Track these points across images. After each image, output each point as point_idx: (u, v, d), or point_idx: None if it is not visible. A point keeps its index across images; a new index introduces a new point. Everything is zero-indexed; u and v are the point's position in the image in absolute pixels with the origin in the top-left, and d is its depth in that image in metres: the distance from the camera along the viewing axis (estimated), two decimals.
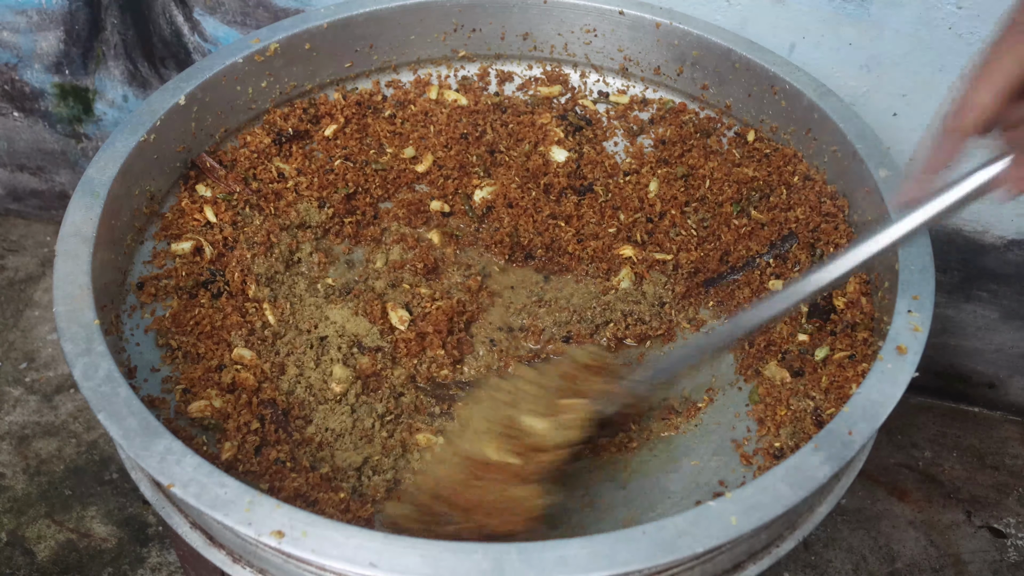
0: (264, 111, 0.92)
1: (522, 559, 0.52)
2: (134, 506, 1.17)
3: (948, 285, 1.19)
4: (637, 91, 0.99)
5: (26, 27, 1.22)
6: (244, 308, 0.79)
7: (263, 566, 0.61)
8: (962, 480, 1.25)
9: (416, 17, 0.96)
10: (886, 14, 0.95)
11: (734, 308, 0.83)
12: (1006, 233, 1.10)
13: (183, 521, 0.64)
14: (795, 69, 0.88)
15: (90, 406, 0.60)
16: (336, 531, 0.53)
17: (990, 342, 1.24)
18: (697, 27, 0.93)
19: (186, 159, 0.86)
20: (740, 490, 0.56)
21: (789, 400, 0.72)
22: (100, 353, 0.63)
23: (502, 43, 1.00)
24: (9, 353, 1.32)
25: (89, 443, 1.23)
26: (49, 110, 1.32)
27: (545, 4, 0.97)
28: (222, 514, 0.54)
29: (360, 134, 0.94)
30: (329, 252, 0.88)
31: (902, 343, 0.65)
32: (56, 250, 0.69)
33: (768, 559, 0.64)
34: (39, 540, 1.13)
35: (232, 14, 1.15)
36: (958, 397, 1.34)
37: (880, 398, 0.62)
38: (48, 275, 1.43)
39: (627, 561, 0.52)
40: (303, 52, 0.92)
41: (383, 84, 0.98)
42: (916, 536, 1.19)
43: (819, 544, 1.18)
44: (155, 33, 1.21)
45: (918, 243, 0.72)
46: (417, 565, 0.52)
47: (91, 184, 0.74)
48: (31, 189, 1.45)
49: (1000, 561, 1.17)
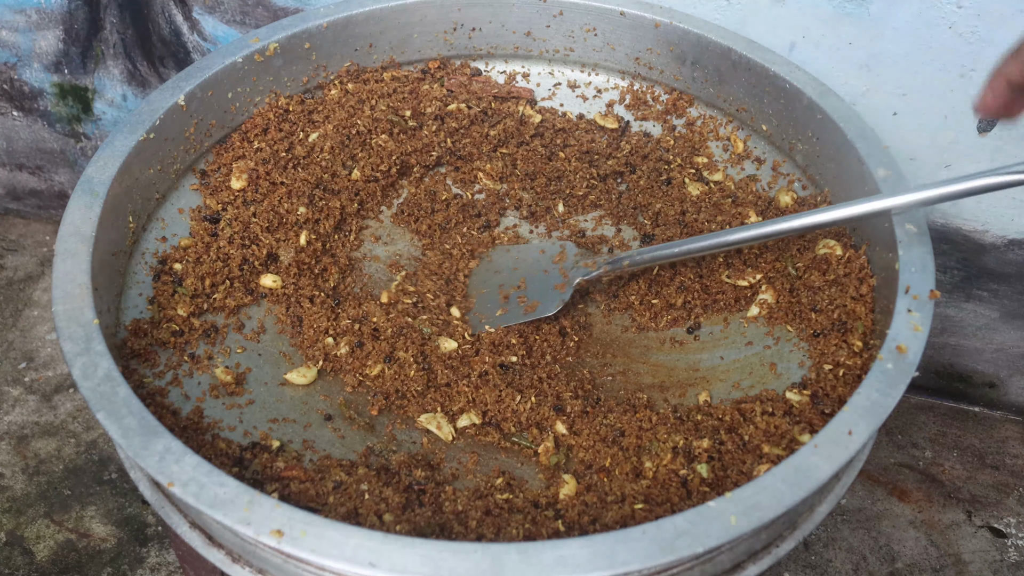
0: (263, 111, 0.92)
1: (522, 559, 0.52)
2: (133, 506, 1.17)
3: (948, 285, 1.19)
4: (637, 88, 0.99)
5: (25, 26, 1.22)
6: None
7: (262, 566, 0.61)
8: (962, 480, 1.25)
9: (416, 16, 0.96)
10: (886, 13, 0.95)
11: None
12: (1006, 232, 1.10)
13: (182, 521, 0.64)
14: (795, 68, 0.88)
15: (89, 406, 0.60)
16: (335, 531, 0.53)
17: (990, 342, 1.24)
18: (697, 26, 0.93)
19: (186, 159, 0.86)
20: (740, 490, 0.56)
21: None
22: (99, 352, 0.62)
23: (502, 42, 1.00)
24: (8, 353, 1.32)
25: (88, 443, 1.23)
26: (48, 109, 1.32)
27: (544, 3, 0.97)
28: (221, 513, 0.54)
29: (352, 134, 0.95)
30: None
31: (902, 343, 0.65)
32: (55, 249, 0.69)
33: (768, 559, 0.64)
34: (38, 540, 1.13)
35: (231, 13, 1.15)
36: (958, 397, 1.34)
37: (880, 398, 0.62)
38: (47, 274, 1.43)
39: (627, 561, 0.52)
40: (303, 51, 0.92)
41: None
42: (916, 536, 1.19)
43: (819, 544, 1.18)
44: (154, 32, 1.21)
45: (918, 243, 0.72)
46: (417, 565, 0.52)
47: (90, 183, 0.74)
48: (30, 188, 1.45)
49: (1000, 561, 1.17)
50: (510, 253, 0.92)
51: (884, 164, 0.78)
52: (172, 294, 0.79)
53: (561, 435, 0.76)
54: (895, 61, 0.98)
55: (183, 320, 0.78)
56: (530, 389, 0.80)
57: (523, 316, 0.85)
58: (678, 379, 0.82)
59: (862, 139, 0.81)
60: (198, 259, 0.82)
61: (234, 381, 0.75)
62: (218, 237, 0.84)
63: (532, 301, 0.86)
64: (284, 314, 0.83)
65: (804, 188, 0.89)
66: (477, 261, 0.92)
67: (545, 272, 0.89)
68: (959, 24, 0.93)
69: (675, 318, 0.87)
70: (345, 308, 0.84)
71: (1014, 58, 0.59)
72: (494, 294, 0.88)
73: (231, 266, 0.83)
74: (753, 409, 0.72)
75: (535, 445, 0.76)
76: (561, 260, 0.89)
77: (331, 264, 0.88)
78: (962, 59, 0.96)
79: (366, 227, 0.94)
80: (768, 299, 0.82)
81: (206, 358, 0.77)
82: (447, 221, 0.95)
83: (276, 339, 0.82)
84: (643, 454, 0.71)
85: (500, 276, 0.90)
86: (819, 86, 0.86)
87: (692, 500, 0.66)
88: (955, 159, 1.04)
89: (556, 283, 0.87)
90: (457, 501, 0.66)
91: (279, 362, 0.80)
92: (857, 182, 0.80)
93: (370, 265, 0.91)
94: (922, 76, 0.98)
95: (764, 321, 0.82)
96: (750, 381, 0.78)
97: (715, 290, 0.86)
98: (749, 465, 0.66)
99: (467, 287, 0.89)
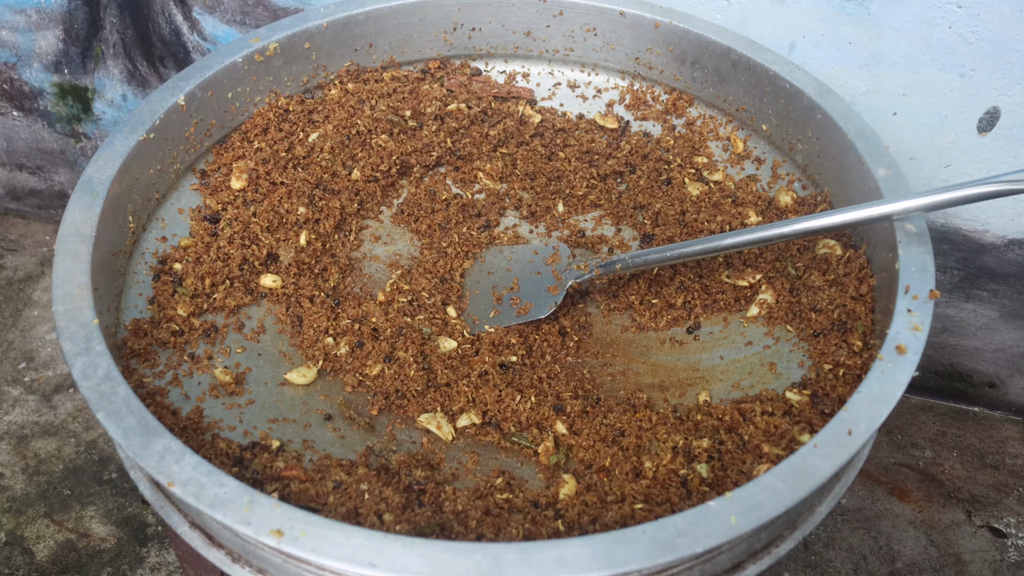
0: (263, 111, 0.92)
1: (522, 559, 0.52)
2: (133, 506, 1.17)
3: (948, 285, 1.19)
4: (637, 88, 0.99)
5: (25, 26, 1.22)
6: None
7: (262, 566, 0.61)
8: (962, 480, 1.25)
9: (416, 16, 0.96)
10: (886, 13, 0.95)
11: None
12: (1006, 232, 1.10)
13: (182, 520, 0.64)
14: (795, 68, 0.88)
15: (89, 405, 0.60)
16: (335, 530, 0.53)
17: (990, 341, 1.24)
18: (697, 26, 0.93)
19: (186, 159, 0.86)
20: (740, 490, 0.56)
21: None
22: (99, 352, 0.62)
23: (502, 42, 1.00)
24: (8, 353, 1.32)
25: (88, 443, 1.23)
26: (48, 109, 1.32)
27: (544, 3, 0.97)
28: (221, 513, 0.54)
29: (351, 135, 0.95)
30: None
31: (902, 343, 0.65)
32: (55, 249, 0.69)
33: (768, 559, 0.64)
34: (38, 540, 1.13)
35: (231, 13, 1.15)
36: (958, 397, 1.34)
37: (880, 398, 0.62)
38: (47, 274, 1.43)
39: (627, 561, 0.52)
40: (303, 51, 0.92)
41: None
42: (916, 536, 1.19)
43: (819, 544, 1.18)
44: (154, 32, 1.21)
45: (918, 243, 0.72)
46: (417, 565, 0.52)
47: (90, 183, 0.74)
48: (30, 188, 1.45)
49: (1000, 561, 1.17)
50: (504, 254, 0.92)
51: (884, 164, 0.78)
52: (172, 294, 0.79)
53: (561, 435, 0.76)
54: (895, 61, 0.98)
55: (183, 320, 0.78)
56: (530, 389, 0.80)
57: (515, 318, 0.85)
58: (678, 379, 0.82)
59: (862, 139, 0.81)
60: (198, 259, 0.82)
61: (234, 381, 0.75)
62: (218, 237, 0.84)
63: (525, 303, 0.86)
64: (284, 314, 0.83)
65: (804, 188, 0.89)
66: (472, 261, 0.92)
67: (538, 274, 0.89)
68: (959, 24, 0.93)
69: (675, 318, 0.87)
70: (345, 308, 0.84)
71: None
72: (487, 295, 0.88)
73: (231, 266, 0.83)
74: (753, 409, 0.72)
75: (535, 445, 0.76)
76: (554, 262, 0.89)
77: (331, 264, 0.88)
78: (962, 59, 0.96)
79: (366, 227, 0.94)
80: (768, 299, 0.82)
81: (206, 358, 0.77)
82: (447, 221, 0.95)
83: (276, 339, 0.82)
84: (643, 454, 0.71)
85: (493, 277, 0.90)
86: (819, 86, 0.86)
87: (692, 500, 0.65)
88: (955, 159, 1.04)
89: (549, 285, 0.87)
90: (457, 501, 0.66)
91: (279, 362, 0.80)
92: (857, 182, 0.80)
93: (370, 265, 0.91)
94: (922, 76, 0.98)
95: (764, 321, 0.82)
96: (750, 381, 0.78)
97: (715, 290, 0.86)
98: (749, 465, 0.66)
99: (461, 287, 0.89)
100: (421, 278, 0.89)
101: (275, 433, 0.72)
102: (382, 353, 0.81)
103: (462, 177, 0.98)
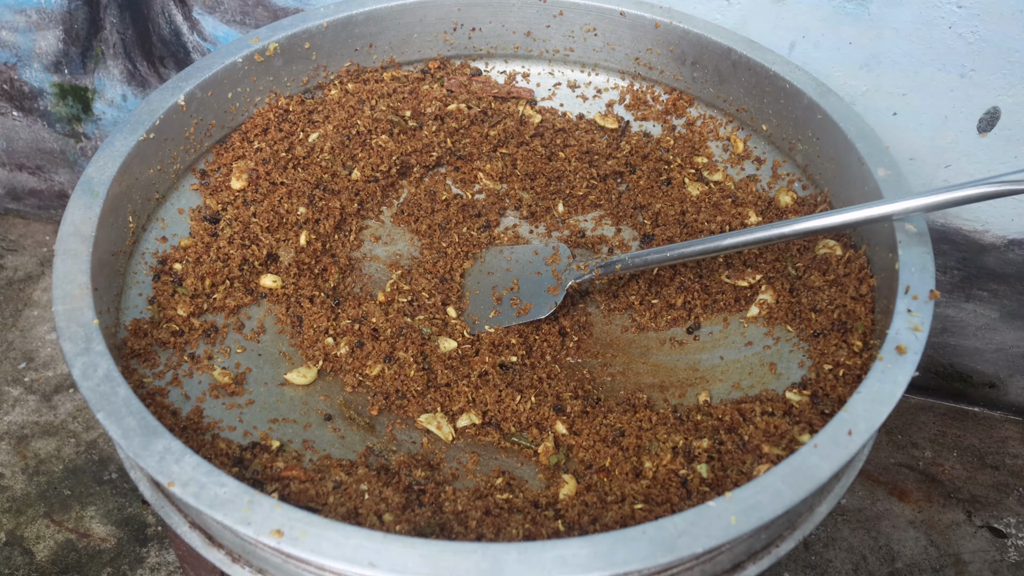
0: (263, 111, 0.92)
1: (522, 559, 0.52)
2: (133, 506, 1.17)
3: (948, 285, 1.19)
4: (637, 88, 0.99)
5: (25, 26, 1.22)
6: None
7: (262, 566, 0.61)
8: (962, 480, 1.25)
9: (416, 16, 0.96)
10: (886, 13, 0.95)
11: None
12: (1006, 232, 1.10)
13: (182, 521, 0.64)
14: (795, 68, 0.88)
15: (89, 405, 0.60)
16: (335, 531, 0.53)
17: (990, 342, 1.24)
18: (697, 26, 0.93)
19: (186, 159, 0.86)
20: (740, 490, 0.56)
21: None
22: (99, 352, 0.62)
23: (502, 42, 1.00)
24: (8, 353, 1.32)
25: (88, 443, 1.23)
26: (48, 109, 1.32)
27: (544, 3, 0.97)
28: (221, 514, 0.54)
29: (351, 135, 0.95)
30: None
31: (902, 343, 0.65)
32: (55, 249, 0.69)
33: (768, 559, 0.64)
34: (38, 540, 1.13)
35: (231, 13, 1.15)
36: (958, 397, 1.34)
37: (880, 398, 0.62)
38: (47, 274, 1.43)
39: (627, 561, 0.52)
40: (303, 51, 0.92)
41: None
42: (916, 536, 1.19)
43: (819, 544, 1.18)
44: (154, 32, 1.21)
45: (918, 243, 0.72)
46: (416, 565, 0.52)
47: (90, 183, 0.74)
48: (30, 188, 1.45)
49: (1000, 561, 1.17)
50: (504, 254, 0.92)
51: (884, 164, 0.78)
52: (172, 294, 0.79)
53: (561, 435, 0.76)
54: (895, 61, 0.98)
55: (183, 320, 0.78)
56: (530, 389, 0.80)
57: (515, 319, 0.85)
58: (678, 379, 0.82)
59: (862, 139, 0.81)
60: (198, 259, 0.82)
61: (234, 381, 0.75)
62: (218, 237, 0.84)
63: (525, 303, 0.86)
64: (284, 314, 0.83)
65: (804, 188, 0.89)
66: (472, 261, 0.92)
67: (538, 274, 0.89)
68: (959, 24, 0.93)
69: (675, 318, 0.87)
70: (345, 308, 0.84)
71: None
72: (487, 295, 0.88)
73: (231, 266, 0.83)
74: (753, 409, 0.72)
75: (535, 445, 0.76)
76: (554, 262, 0.89)
77: (331, 264, 0.88)
78: (962, 59, 0.96)
79: (366, 227, 0.94)
80: (768, 299, 0.82)
81: (206, 358, 0.77)
82: (447, 221, 0.95)
83: (276, 339, 0.82)
84: (643, 454, 0.71)
85: (493, 277, 0.90)
86: (819, 86, 0.86)
87: (692, 500, 0.65)
88: (955, 159, 1.04)
89: (549, 286, 0.87)
90: (457, 501, 0.66)
91: (279, 362, 0.80)
92: (857, 182, 0.80)
93: (370, 265, 0.91)
94: (922, 76, 0.98)
95: (764, 321, 0.82)
96: (750, 381, 0.78)
97: (715, 290, 0.86)
98: (749, 465, 0.66)
99: (461, 287, 0.89)
100: (421, 278, 0.89)
101: (275, 433, 0.72)
102: (382, 353, 0.81)
103: (462, 177, 0.98)
